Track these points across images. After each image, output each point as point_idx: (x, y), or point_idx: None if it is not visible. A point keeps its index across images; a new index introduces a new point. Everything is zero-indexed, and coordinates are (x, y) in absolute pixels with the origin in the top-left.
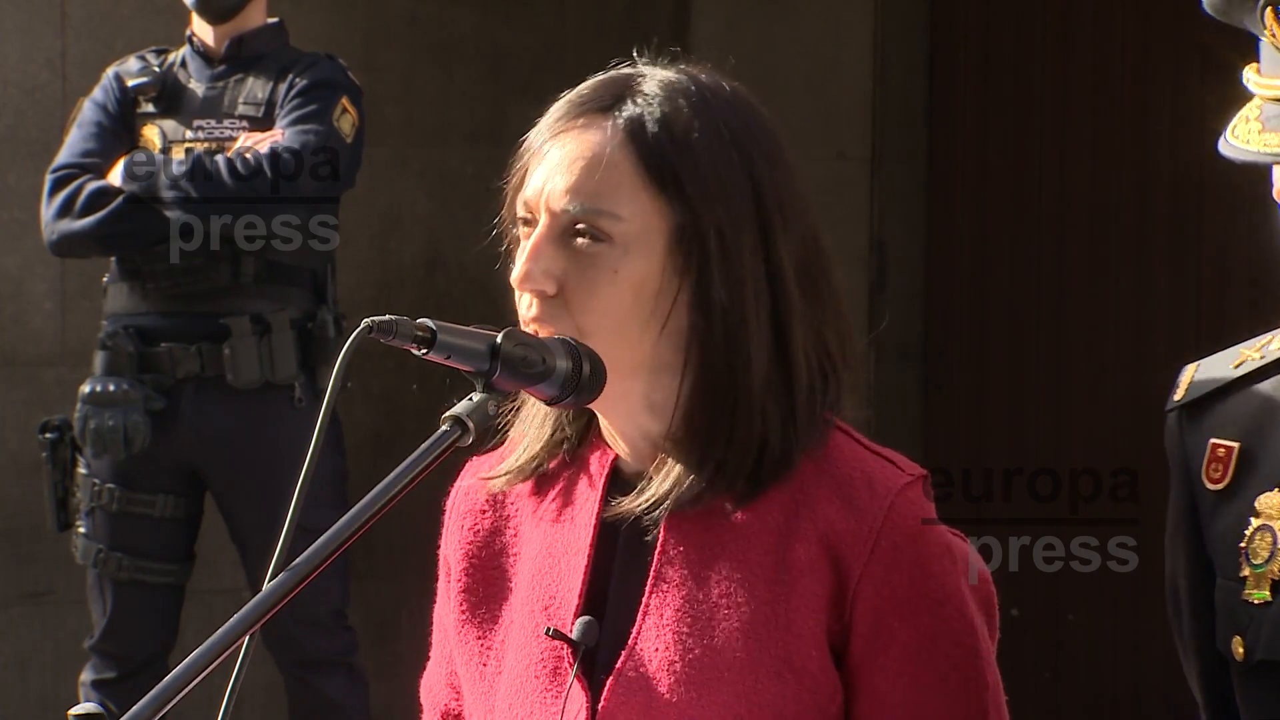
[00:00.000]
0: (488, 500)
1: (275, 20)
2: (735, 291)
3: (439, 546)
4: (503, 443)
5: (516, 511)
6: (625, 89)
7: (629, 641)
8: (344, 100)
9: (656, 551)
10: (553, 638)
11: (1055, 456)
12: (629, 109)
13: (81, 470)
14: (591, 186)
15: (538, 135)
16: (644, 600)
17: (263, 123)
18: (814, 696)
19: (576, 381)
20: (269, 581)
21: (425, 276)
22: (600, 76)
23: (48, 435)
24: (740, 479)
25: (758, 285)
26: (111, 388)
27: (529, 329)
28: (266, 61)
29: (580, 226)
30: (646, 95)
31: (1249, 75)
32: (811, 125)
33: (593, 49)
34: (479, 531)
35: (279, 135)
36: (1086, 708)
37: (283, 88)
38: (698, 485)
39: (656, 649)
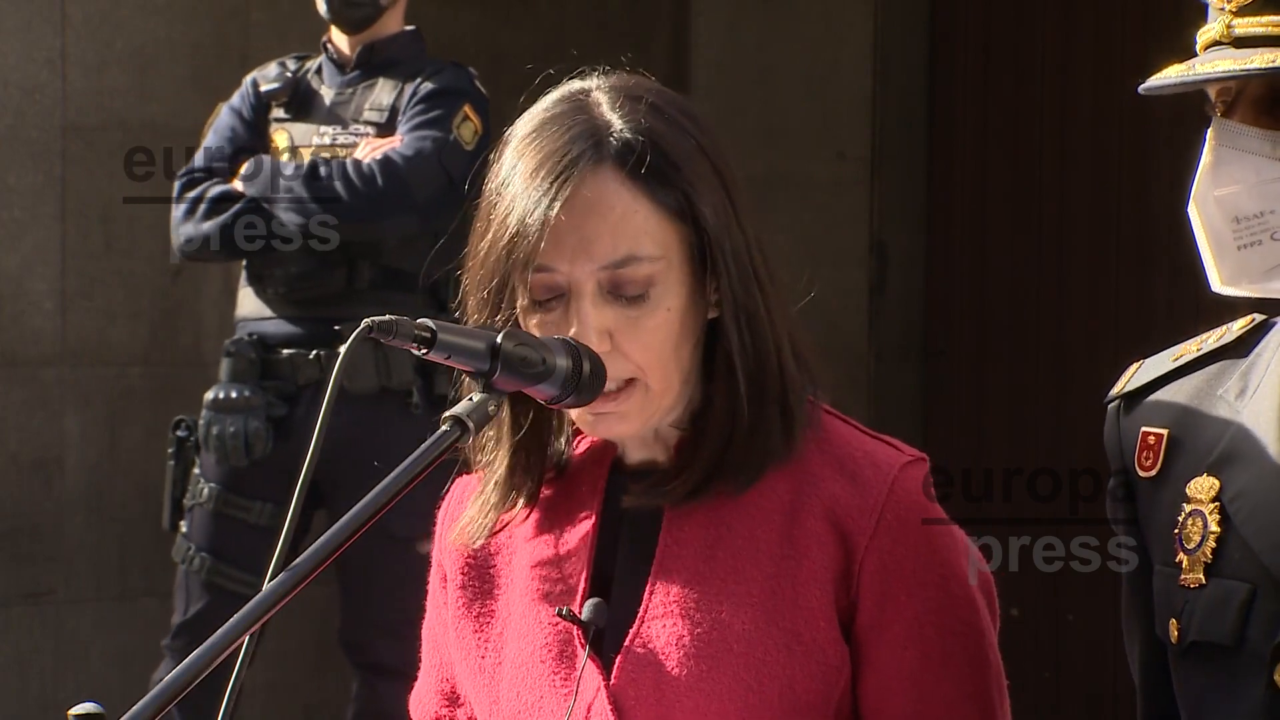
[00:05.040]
0: None
1: (411, 28)
2: (745, 285)
3: (430, 556)
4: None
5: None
6: (591, 125)
7: (637, 619)
8: (466, 108)
9: (662, 532)
10: (565, 619)
11: (1055, 456)
12: (611, 145)
13: (195, 470)
14: (620, 239)
15: (528, 207)
16: (651, 578)
17: (386, 129)
18: (822, 668)
19: (577, 381)
20: (268, 582)
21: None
22: (556, 121)
23: (178, 433)
24: (751, 466)
25: (748, 272)
26: (234, 394)
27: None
28: (397, 68)
29: (624, 287)
30: (612, 123)
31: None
32: (811, 125)
33: (593, 49)
34: None
35: (397, 142)
36: (1086, 707)
37: (407, 94)
38: (710, 474)
39: (665, 625)
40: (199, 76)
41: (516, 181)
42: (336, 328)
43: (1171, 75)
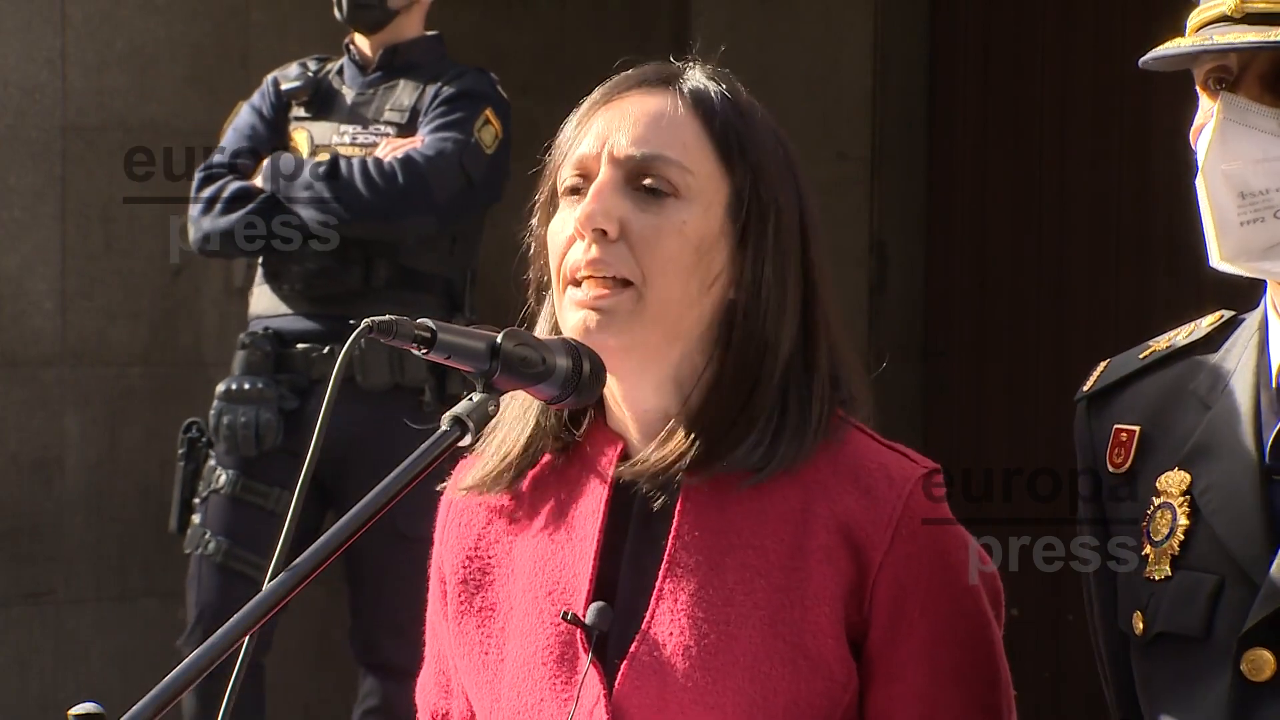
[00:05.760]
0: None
1: (434, 33)
2: (780, 271)
3: (431, 550)
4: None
5: (513, 504)
6: (677, 71)
7: (642, 626)
8: (487, 111)
9: (670, 536)
10: (569, 622)
11: (1055, 456)
12: (690, 82)
13: (210, 463)
14: (659, 138)
15: (584, 112)
16: (658, 585)
17: (407, 130)
18: (828, 684)
19: (577, 381)
20: (268, 582)
21: None
22: (635, 70)
23: (189, 434)
24: (752, 459)
25: (797, 270)
26: (246, 386)
27: (583, 274)
28: (418, 71)
29: (647, 179)
30: (700, 78)
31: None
32: (811, 125)
33: (593, 49)
34: (474, 525)
35: (419, 142)
36: (1086, 707)
37: (429, 96)
38: (706, 457)
39: (671, 633)
40: (199, 76)
41: (581, 111)
42: (352, 322)
43: (1184, 44)
